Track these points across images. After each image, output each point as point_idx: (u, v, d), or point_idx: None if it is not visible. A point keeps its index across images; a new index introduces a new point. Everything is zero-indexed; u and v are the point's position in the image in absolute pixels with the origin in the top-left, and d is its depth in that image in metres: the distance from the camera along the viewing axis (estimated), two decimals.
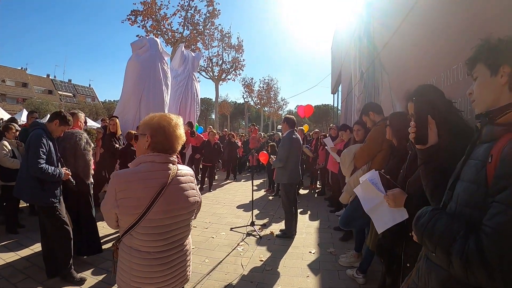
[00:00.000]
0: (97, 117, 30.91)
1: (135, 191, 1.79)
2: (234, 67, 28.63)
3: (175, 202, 1.87)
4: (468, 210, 1.22)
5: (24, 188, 3.62)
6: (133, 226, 1.79)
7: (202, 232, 5.68)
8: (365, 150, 3.80)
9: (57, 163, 3.73)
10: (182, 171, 1.98)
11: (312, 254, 4.88)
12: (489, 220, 1.08)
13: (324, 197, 9.09)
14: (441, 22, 3.24)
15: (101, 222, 5.85)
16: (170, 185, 1.86)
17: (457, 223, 1.19)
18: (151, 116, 1.96)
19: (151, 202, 1.78)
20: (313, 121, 66.62)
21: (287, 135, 5.70)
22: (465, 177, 1.30)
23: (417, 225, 1.35)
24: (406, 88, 2.26)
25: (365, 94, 7.89)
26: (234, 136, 14.27)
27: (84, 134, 4.37)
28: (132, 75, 7.59)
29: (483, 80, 1.31)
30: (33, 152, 3.49)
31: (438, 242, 1.21)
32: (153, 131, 1.90)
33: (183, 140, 2.00)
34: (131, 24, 20.46)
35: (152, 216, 1.79)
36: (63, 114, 3.83)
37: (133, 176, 1.82)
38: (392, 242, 2.49)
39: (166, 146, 1.91)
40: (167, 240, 1.87)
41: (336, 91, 19.35)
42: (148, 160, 1.88)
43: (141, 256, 1.82)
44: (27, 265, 4.13)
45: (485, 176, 1.18)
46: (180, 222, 1.92)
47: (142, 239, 1.82)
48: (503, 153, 1.12)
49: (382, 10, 6.37)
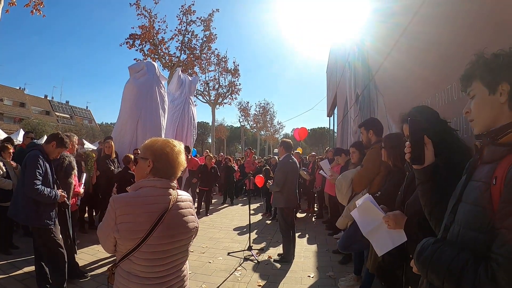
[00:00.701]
0: (94, 140, 30.90)
1: (136, 216, 1.76)
2: (230, 91, 28.89)
3: (175, 228, 1.85)
4: (473, 233, 1.18)
5: (19, 209, 3.59)
6: (133, 251, 1.75)
7: (199, 257, 5.58)
8: (364, 174, 3.78)
9: (53, 185, 3.71)
10: (182, 196, 1.97)
11: (311, 278, 4.79)
12: (500, 248, 1.04)
13: (322, 220, 9.02)
14: (433, 43, 3.31)
15: (95, 246, 5.80)
16: (171, 211, 1.84)
17: (462, 253, 1.15)
18: (153, 140, 1.96)
19: (152, 227, 1.75)
20: (310, 144, 66.91)
21: (284, 159, 5.70)
22: (468, 199, 1.26)
23: (420, 260, 1.29)
24: (401, 109, 2.28)
25: (361, 116, 7.96)
26: (230, 160, 14.26)
27: (69, 158, 4.38)
28: (129, 98, 7.65)
29: (481, 99, 1.27)
30: (30, 173, 3.47)
31: (446, 276, 1.16)
32: (156, 156, 1.89)
33: (184, 167, 2.01)
34: (129, 47, 20.76)
35: (152, 242, 1.76)
36: (61, 136, 3.83)
37: (135, 200, 1.80)
38: (393, 265, 2.45)
39: (169, 172, 1.91)
40: (166, 266, 1.84)
41: (332, 113, 19.54)
42: (149, 185, 1.86)
43: (140, 282, 1.77)
44: (20, 287, 4.04)
45: (490, 199, 1.14)
46: (180, 247, 1.90)
47: (142, 264, 1.78)
48: (509, 176, 1.09)
49: (374, 35, 6.51)
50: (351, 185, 4.03)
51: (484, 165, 1.27)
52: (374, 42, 6.42)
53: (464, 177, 1.40)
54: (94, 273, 4.63)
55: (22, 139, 8.09)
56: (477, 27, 2.41)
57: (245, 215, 7.98)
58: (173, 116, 10.07)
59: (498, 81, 1.21)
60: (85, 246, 5.70)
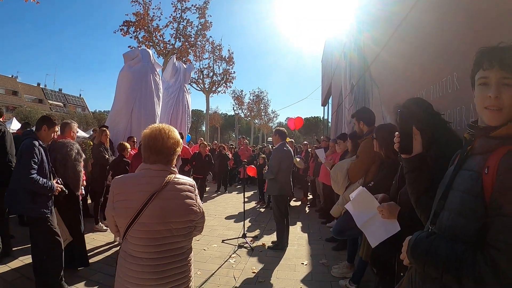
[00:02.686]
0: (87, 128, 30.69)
1: (129, 194, 1.87)
2: (224, 79, 28.74)
3: (168, 209, 1.88)
4: (464, 220, 1.23)
5: (16, 199, 3.55)
6: (127, 229, 1.84)
7: (194, 244, 5.56)
8: (360, 164, 3.83)
9: (49, 173, 3.69)
10: (179, 179, 2.00)
11: (305, 265, 4.88)
12: (498, 235, 1.10)
13: (315, 209, 9.12)
14: (430, 35, 3.33)
15: (91, 234, 5.82)
16: (164, 191, 1.89)
17: (457, 244, 1.20)
18: (145, 130, 2.03)
19: (143, 205, 1.82)
20: (303, 133, 66.95)
21: (278, 147, 5.74)
22: (460, 187, 1.31)
23: (416, 254, 1.34)
24: (396, 100, 2.32)
25: (356, 106, 7.99)
26: (225, 148, 14.28)
27: (76, 145, 4.33)
28: (124, 86, 7.61)
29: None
30: (25, 162, 3.43)
31: (445, 268, 1.20)
32: (143, 146, 1.99)
33: (176, 151, 2.03)
34: (123, 34, 20.55)
35: (144, 220, 1.82)
36: (47, 117, 3.80)
37: (130, 179, 1.95)
38: (386, 253, 2.51)
39: (156, 159, 1.96)
40: (160, 247, 1.87)
41: (326, 103, 19.56)
42: (145, 168, 1.96)
43: (134, 261, 1.85)
44: (16, 276, 4.05)
45: (482, 187, 1.19)
46: (174, 230, 1.91)
47: (135, 244, 1.85)
48: (502, 167, 1.14)
49: (371, 24, 6.50)
50: (347, 175, 4.09)
51: (475, 155, 1.32)
52: (371, 32, 6.42)
53: (453, 166, 1.45)
54: (90, 261, 4.65)
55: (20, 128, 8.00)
56: (475, 20, 2.43)
57: (239, 203, 8.05)
58: (168, 104, 10.03)
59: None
60: None
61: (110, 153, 6.59)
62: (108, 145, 6.55)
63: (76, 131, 4.56)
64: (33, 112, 36.76)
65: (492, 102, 1.23)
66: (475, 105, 1.35)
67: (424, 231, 1.44)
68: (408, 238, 1.43)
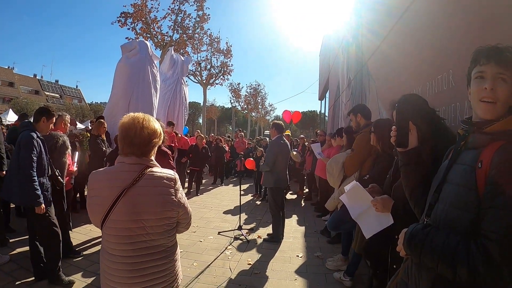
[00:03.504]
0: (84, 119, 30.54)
1: (101, 190, 1.80)
2: (222, 71, 28.67)
3: (140, 205, 1.77)
4: (458, 211, 1.29)
5: (14, 190, 3.55)
6: (102, 226, 1.79)
7: (190, 236, 5.67)
8: (355, 157, 3.88)
9: (47, 165, 3.70)
10: (155, 174, 1.86)
11: (300, 258, 4.93)
12: (491, 225, 1.16)
13: (311, 202, 9.18)
14: (428, 32, 3.35)
15: (88, 225, 5.86)
16: (136, 187, 1.78)
17: (452, 235, 1.26)
18: (122, 119, 1.90)
19: (113, 202, 1.74)
20: (300, 127, 67.01)
21: (275, 140, 5.77)
22: (454, 180, 1.37)
23: (412, 246, 1.39)
24: (392, 96, 2.35)
25: (353, 100, 8.02)
26: (221, 140, 14.29)
27: (63, 137, 4.36)
28: (121, 78, 7.58)
29: (511, 89, 1.29)
30: (25, 155, 3.43)
31: (440, 258, 1.25)
32: (118, 136, 1.89)
33: (153, 142, 1.88)
34: (121, 26, 20.47)
35: (115, 217, 1.75)
36: (46, 108, 3.81)
37: (103, 175, 1.85)
38: (379, 245, 2.55)
39: (129, 151, 1.84)
40: (133, 245, 1.79)
41: (324, 97, 19.55)
42: (119, 161, 1.86)
43: (109, 258, 1.81)
44: (14, 267, 4.06)
45: (475, 180, 1.25)
46: (148, 227, 1.80)
47: (110, 241, 1.81)
48: (495, 161, 1.20)
49: (370, 19, 6.51)
50: (342, 169, 4.14)
51: (469, 150, 1.38)
52: (370, 26, 6.43)
53: (447, 161, 1.50)
54: (86, 252, 4.71)
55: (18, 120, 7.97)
56: (473, 19, 2.46)
57: (235, 196, 8.10)
58: (165, 96, 10.00)
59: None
60: (78, 225, 5.74)
61: (107, 144, 6.59)
62: (104, 137, 6.55)
63: (67, 123, 4.57)
64: (29, 104, 36.49)
65: (487, 94, 1.30)
66: (471, 100, 1.40)
67: (419, 223, 1.48)
68: (404, 230, 1.48)
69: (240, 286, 3.96)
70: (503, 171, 1.16)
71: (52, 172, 3.85)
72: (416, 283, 1.47)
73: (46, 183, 3.69)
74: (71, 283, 3.72)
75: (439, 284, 1.34)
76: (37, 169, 3.53)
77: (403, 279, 1.60)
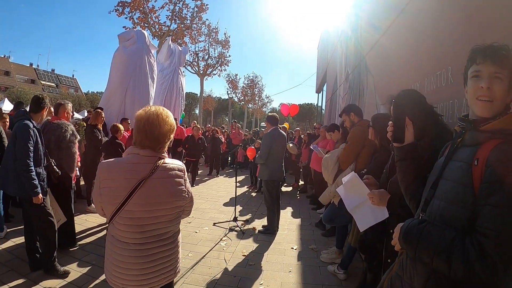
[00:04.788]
0: (80, 109, 30.32)
1: (115, 181, 1.83)
2: (220, 62, 28.56)
3: (155, 197, 1.85)
4: (454, 208, 1.30)
5: (10, 181, 3.51)
6: (114, 215, 1.83)
7: (185, 227, 5.69)
8: (349, 149, 3.91)
9: (43, 155, 3.67)
10: (168, 165, 1.93)
11: (294, 250, 4.97)
12: (486, 222, 1.17)
13: (306, 195, 9.22)
14: (428, 28, 3.34)
15: (83, 215, 5.86)
16: (151, 179, 1.84)
17: (447, 230, 1.27)
18: (139, 112, 1.95)
19: (130, 193, 1.79)
20: (297, 120, 67.04)
21: (269, 132, 5.76)
22: (450, 177, 1.38)
23: (408, 241, 1.40)
24: (390, 91, 2.35)
25: (350, 94, 8.02)
26: (218, 131, 14.28)
27: (71, 126, 4.31)
28: (118, 67, 7.54)
29: (508, 87, 1.31)
30: (22, 146, 3.39)
31: (435, 253, 1.27)
32: (137, 129, 1.91)
33: (170, 138, 1.97)
34: (118, 15, 20.32)
35: (130, 208, 1.80)
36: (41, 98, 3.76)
37: (116, 166, 1.87)
38: (374, 239, 2.58)
39: (148, 144, 1.90)
40: (146, 234, 1.87)
41: (321, 90, 19.54)
42: (133, 152, 1.90)
43: (120, 246, 1.86)
44: (9, 258, 4.05)
45: (471, 178, 1.26)
46: (161, 217, 1.89)
47: (121, 230, 1.85)
48: (491, 159, 1.21)
49: (370, 12, 6.48)
50: (337, 163, 4.16)
51: (465, 147, 1.39)
52: (370, 19, 6.41)
53: (443, 157, 1.51)
54: (82, 242, 4.71)
55: (14, 109, 7.87)
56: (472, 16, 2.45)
57: (231, 187, 8.11)
58: (162, 86, 9.99)
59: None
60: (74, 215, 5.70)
61: (103, 134, 6.57)
62: (101, 127, 6.52)
63: (70, 112, 4.50)
64: (25, 93, 36.06)
65: (484, 92, 1.31)
66: (467, 99, 1.42)
67: (415, 218, 1.50)
68: (400, 224, 1.50)
69: (235, 277, 3.98)
70: (499, 170, 1.18)
71: (48, 162, 3.82)
72: (411, 277, 1.48)
73: (42, 173, 3.65)
74: (66, 273, 3.72)
75: (434, 278, 1.35)
76: (33, 159, 3.48)
77: (398, 273, 1.61)
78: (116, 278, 1.89)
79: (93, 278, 3.70)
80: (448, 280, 1.30)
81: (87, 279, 3.69)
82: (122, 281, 1.88)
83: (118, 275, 1.87)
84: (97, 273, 3.77)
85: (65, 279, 3.65)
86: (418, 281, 1.43)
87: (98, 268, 3.87)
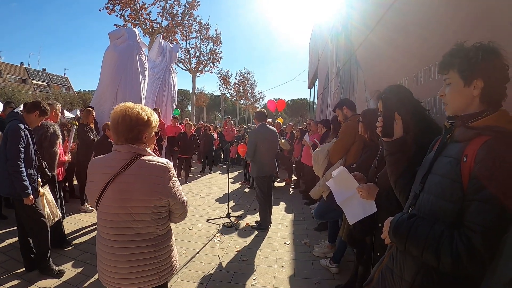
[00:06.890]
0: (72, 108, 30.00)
1: (95, 175, 1.91)
2: (211, 59, 28.47)
3: (127, 192, 1.82)
4: (442, 202, 1.34)
5: (1, 181, 3.51)
6: (96, 210, 1.92)
7: (179, 224, 5.63)
8: (340, 144, 3.95)
9: (34, 156, 3.67)
10: (147, 162, 1.88)
11: (287, 245, 5.01)
12: (475, 217, 1.20)
13: (298, 190, 9.26)
14: (415, 24, 3.37)
15: (77, 215, 5.85)
16: (124, 175, 1.82)
17: (436, 225, 1.31)
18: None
19: (103, 188, 1.83)
20: (289, 115, 67.09)
21: (255, 128, 5.82)
22: (439, 171, 1.41)
23: (398, 235, 1.43)
24: (380, 86, 2.38)
25: (341, 89, 8.06)
26: (210, 128, 14.26)
27: (54, 126, 4.34)
28: (109, 66, 7.50)
29: (456, 89, 1.40)
30: (13, 147, 3.39)
31: (425, 247, 1.30)
32: (110, 124, 1.97)
33: (141, 130, 1.91)
34: (109, 13, 20.19)
35: (105, 203, 1.85)
36: (43, 106, 3.76)
37: (98, 162, 1.96)
38: (363, 233, 2.62)
39: (118, 140, 1.91)
40: (122, 231, 1.85)
41: (313, 85, 19.59)
42: (113, 149, 1.94)
43: (101, 241, 1.92)
44: (4, 259, 4.04)
45: (460, 173, 1.29)
46: (136, 215, 1.83)
47: (101, 225, 1.91)
48: (479, 156, 1.24)
49: (359, 9, 6.51)
50: (327, 156, 4.20)
51: (454, 143, 1.42)
52: (359, 15, 6.43)
53: (432, 152, 1.55)
54: (76, 241, 4.72)
55: (3, 109, 7.79)
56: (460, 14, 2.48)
57: (224, 183, 8.13)
58: (153, 84, 9.91)
59: (474, 76, 1.33)
60: (67, 215, 5.66)
61: (95, 133, 6.55)
62: (93, 126, 6.49)
63: (59, 112, 4.52)
64: (16, 93, 35.53)
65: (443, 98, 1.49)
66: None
67: (404, 212, 1.53)
68: (390, 218, 1.53)
69: (229, 273, 4.02)
70: (487, 166, 1.21)
71: (39, 164, 3.82)
72: (401, 269, 1.52)
73: (34, 175, 3.65)
74: (61, 272, 3.73)
75: (424, 271, 1.39)
76: (25, 160, 3.49)
77: (389, 266, 1.65)
78: (100, 273, 1.95)
79: (88, 277, 3.71)
80: (437, 273, 1.34)
81: (82, 278, 3.70)
82: (105, 277, 1.92)
83: (101, 270, 1.93)
84: (92, 272, 3.78)
85: (60, 279, 3.65)
86: (408, 273, 1.47)
87: (92, 267, 3.87)
